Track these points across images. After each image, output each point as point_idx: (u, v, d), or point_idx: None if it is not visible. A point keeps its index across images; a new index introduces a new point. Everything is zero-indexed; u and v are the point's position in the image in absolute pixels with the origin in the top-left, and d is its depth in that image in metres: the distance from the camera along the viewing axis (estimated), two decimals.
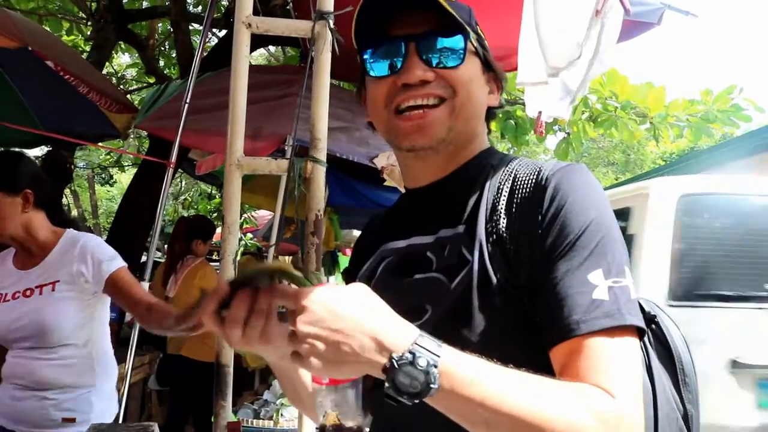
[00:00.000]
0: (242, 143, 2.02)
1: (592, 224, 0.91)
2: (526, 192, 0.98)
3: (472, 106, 1.07)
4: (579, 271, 0.89)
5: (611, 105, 6.74)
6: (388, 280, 1.10)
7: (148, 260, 3.27)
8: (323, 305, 0.78)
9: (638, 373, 0.87)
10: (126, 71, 10.37)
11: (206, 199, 12.44)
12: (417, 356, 0.77)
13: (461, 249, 0.99)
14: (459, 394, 0.78)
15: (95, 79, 4.08)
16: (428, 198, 1.11)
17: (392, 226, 1.16)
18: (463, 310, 0.96)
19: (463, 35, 1.04)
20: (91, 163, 15.19)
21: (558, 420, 0.78)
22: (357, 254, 1.24)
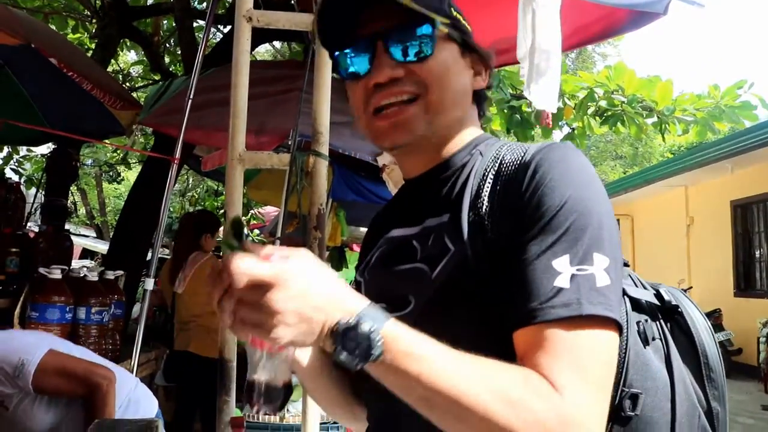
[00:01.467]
0: (244, 138, 2.02)
1: (567, 205, 0.87)
2: (510, 175, 0.95)
3: (449, 97, 1.03)
4: (545, 255, 0.86)
5: (617, 99, 6.69)
6: (378, 270, 1.09)
7: (153, 257, 3.27)
8: (298, 279, 0.77)
9: (599, 369, 0.82)
10: (132, 68, 10.38)
11: (213, 195, 12.45)
12: (362, 321, 0.77)
13: (444, 238, 0.97)
14: (397, 366, 0.78)
15: (99, 76, 4.08)
16: (419, 188, 1.10)
17: (391, 217, 1.16)
18: (444, 299, 0.94)
19: (430, 24, 0.99)
20: (98, 161, 15.23)
21: (493, 409, 0.76)
22: (364, 248, 1.23)
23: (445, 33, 1.02)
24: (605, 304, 0.83)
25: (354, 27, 1.02)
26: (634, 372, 0.93)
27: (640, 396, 0.92)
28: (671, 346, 1.00)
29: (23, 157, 8.65)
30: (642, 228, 15.94)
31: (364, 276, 1.13)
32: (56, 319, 3.09)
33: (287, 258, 0.79)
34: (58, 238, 4.15)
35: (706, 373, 1.02)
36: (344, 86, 1.09)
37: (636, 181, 13.87)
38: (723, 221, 12.09)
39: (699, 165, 11.20)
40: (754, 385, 9.70)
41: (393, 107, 1.00)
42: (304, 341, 0.79)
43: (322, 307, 0.78)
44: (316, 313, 0.78)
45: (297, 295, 0.76)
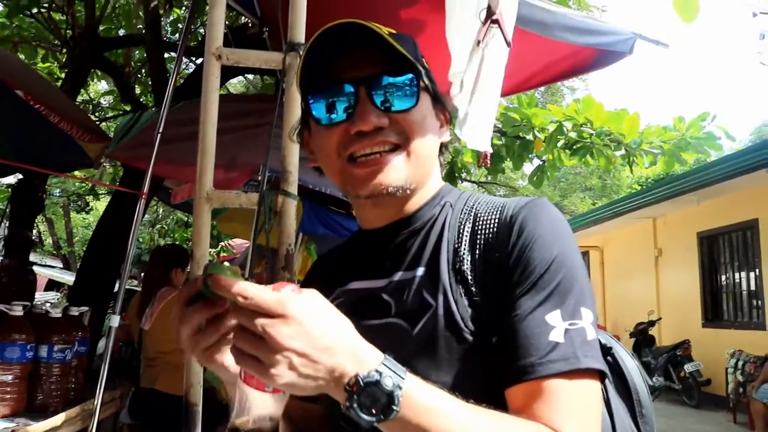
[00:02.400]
0: (212, 176, 2.00)
1: (555, 262, 0.90)
2: (490, 231, 0.96)
3: (427, 148, 1.02)
4: (538, 311, 0.88)
5: (586, 132, 6.80)
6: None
7: (120, 291, 3.21)
8: (309, 319, 0.72)
9: (595, 417, 0.86)
10: (102, 98, 10.30)
11: (183, 227, 12.32)
12: (384, 376, 0.74)
13: (422, 293, 0.96)
14: (417, 422, 0.76)
15: (67, 109, 4.04)
16: (383, 240, 1.07)
17: (346, 267, 1.12)
18: (428, 355, 0.93)
19: (414, 73, 0.99)
20: (66, 191, 15.03)
21: None
22: None
23: (424, 83, 1.02)
24: (596, 357, 0.87)
25: (335, 72, 0.99)
26: None
27: None
28: (609, 388, 1.05)
29: None
30: (611, 259, 16.11)
31: None
32: (16, 357, 3.00)
33: (300, 293, 0.75)
34: (22, 273, 4.06)
35: (639, 410, 1.09)
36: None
37: (605, 214, 14.06)
38: (690, 252, 12.28)
39: (666, 197, 11.39)
40: (723, 415, 9.77)
41: (374, 155, 0.98)
42: (305, 387, 0.74)
43: (334, 352, 0.73)
44: (325, 358, 0.73)
45: (307, 334, 0.72)
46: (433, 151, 1.06)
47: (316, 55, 0.99)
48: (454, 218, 1.01)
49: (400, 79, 0.98)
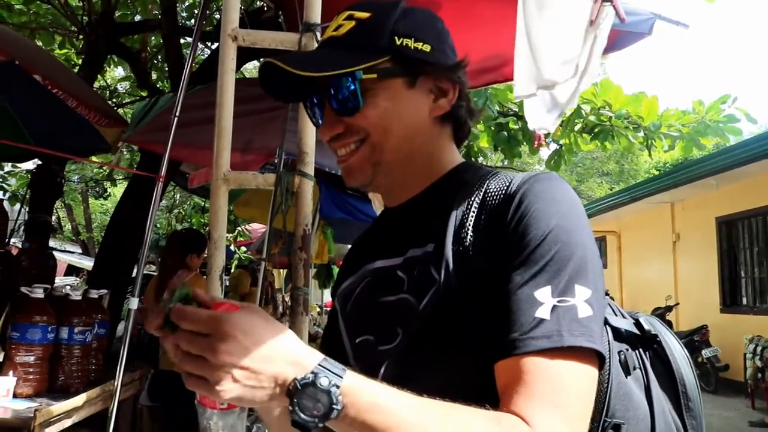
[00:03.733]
0: (228, 157, 2.00)
1: (550, 236, 0.87)
2: (495, 205, 0.94)
3: (395, 135, 1.02)
4: (527, 286, 0.85)
5: (605, 115, 6.73)
6: (363, 301, 1.08)
7: (138, 274, 3.23)
8: (244, 333, 0.75)
9: (575, 400, 0.80)
10: (119, 84, 10.34)
11: (200, 212, 12.38)
12: (319, 376, 0.75)
13: (429, 268, 0.96)
14: (363, 421, 0.76)
15: (85, 94, 4.06)
16: (400, 217, 1.09)
17: (371, 247, 1.14)
18: (432, 330, 0.93)
19: (350, 77, 0.99)
20: (84, 177, 15.14)
21: None
22: (341, 271, 1.22)
23: (373, 77, 1.00)
24: (587, 335, 0.82)
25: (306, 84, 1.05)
26: (616, 402, 0.93)
27: (622, 426, 0.92)
28: (651, 376, 1.00)
29: (7, 173, 8.57)
30: (629, 245, 16.02)
31: (347, 308, 1.12)
32: (38, 339, 3.04)
33: (236, 309, 0.77)
34: (42, 256, 4.10)
35: (685, 402, 1.03)
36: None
37: (623, 198, 13.95)
38: (708, 238, 12.17)
39: (685, 182, 11.27)
40: (741, 401, 9.71)
41: (344, 155, 1.04)
42: (253, 398, 0.76)
43: (272, 360, 0.76)
44: (265, 367, 0.75)
45: (243, 347, 0.74)
46: (411, 132, 1.04)
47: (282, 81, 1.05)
48: (466, 194, 1.00)
49: (343, 85, 1.00)
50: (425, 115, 1.05)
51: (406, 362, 0.96)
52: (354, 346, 1.07)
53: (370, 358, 1.01)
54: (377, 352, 1.00)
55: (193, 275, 4.29)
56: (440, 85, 1.05)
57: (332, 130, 1.03)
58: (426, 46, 1.02)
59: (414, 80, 1.03)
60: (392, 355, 0.98)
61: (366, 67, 0.99)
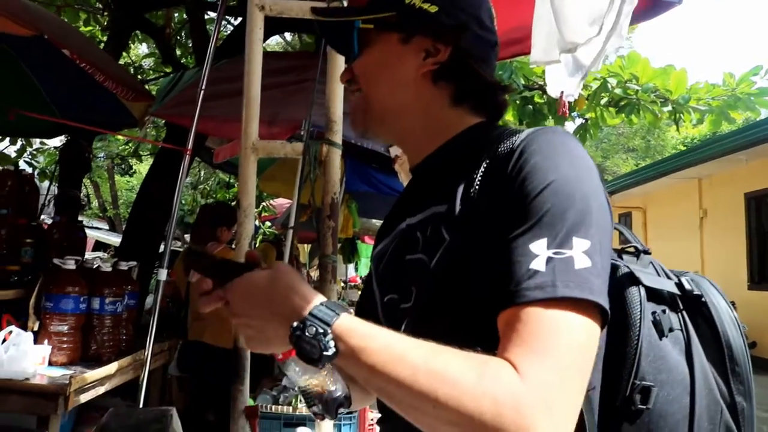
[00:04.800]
0: (257, 127, 2.01)
1: (549, 188, 0.85)
2: (500, 162, 0.93)
3: (380, 86, 1.09)
4: (523, 238, 0.84)
5: (632, 89, 6.62)
6: (392, 261, 1.10)
7: (166, 249, 3.27)
8: (240, 294, 0.91)
9: (565, 351, 0.78)
10: (143, 61, 10.38)
11: (224, 188, 12.46)
12: (307, 325, 0.83)
13: (440, 227, 0.97)
14: (356, 360, 0.81)
15: (111, 68, 4.09)
16: (419, 177, 1.12)
17: (402, 207, 1.15)
18: (442, 289, 0.94)
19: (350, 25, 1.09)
20: (110, 154, 15.28)
21: (447, 395, 0.74)
22: (379, 234, 1.22)
23: (370, 27, 1.07)
24: (583, 287, 0.80)
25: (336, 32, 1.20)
26: (646, 364, 0.90)
27: (652, 389, 0.89)
28: (692, 338, 0.96)
29: (36, 150, 8.68)
30: (654, 221, 15.86)
31: (379, 269, 1.14)
32: (70, 309, 3.11)
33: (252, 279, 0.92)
34: (72, 229, 4.16)
35: (731, 366, 0.98)
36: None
37: (649, 174, 13.79)
38: (737, 214, 12.00)
39: (713, 157, 11.10)
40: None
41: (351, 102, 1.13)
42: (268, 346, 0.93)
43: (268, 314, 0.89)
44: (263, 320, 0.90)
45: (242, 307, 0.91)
46: (401, 88, 1.07)
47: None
48: (477, 153, 0.99)
49: (347, 33, 1.10)
50: (412, 72, 1.07)
51: (420, 320, 0.98)
52: (383, 304, 1.10)
53: (394, 316, 1.03)
54: (400, 310, 1.02)
55: (222, 247, 4.33)
56: (435, 45, 1.06)
57: (344, 75, 1.13)
58: (432, 7, 1.04)
59: (409, 37, 1.06)
60: (410, 313, 1.00)
61: (364, 18, 1.06)
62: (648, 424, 0.89)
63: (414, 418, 0.79)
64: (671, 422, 0.90)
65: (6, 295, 3.28)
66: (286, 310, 0.86)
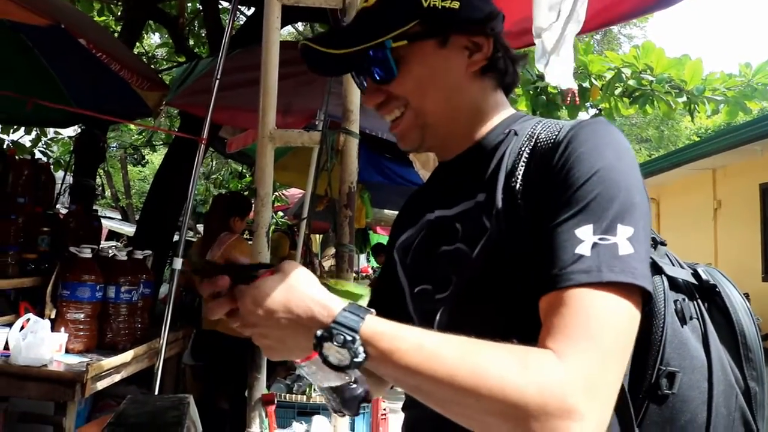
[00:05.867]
0: (274, 115, 2.01)
1: (595, 176, 0.87)
2: (544, 152, 0.95)
3: (433, 97, 1.05)
4: (568, 224, 0.85)
5: (646, 79, 6.57)
6: (422, 252, 1.10)
7: (181, 238, 3.29)
8: (253, 302, 0.85)
9: (613, 336, 0.79)
10: (156, 51, 10.40)
11: (237, 178, 12.48)
12: (334, 333, 0.80)
13: (481, 217, 0.98)
14: (386, 364, 0.80)
15: (126, 57, 4.10)
16: (455, 169, 1.11)
17: (428, 199, 1.16)
18: (484, 279, 0.95)
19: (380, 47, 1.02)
20: (123, 143, 15.34)
21: (491, 388, 0.75)
22: (398, 224, 1.23)
23: (403, 43, 1.02)
24: (627, 272, 0.81)
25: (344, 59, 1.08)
26: (671, 350, 0.94)
27: (677, 375, 0.93)
28: (708, 326, 0.99)
29: (51, 140, 8.72)
30: (668, 212, 15.77)
31: (406, 259, 1.14)
32: (87, 297, 3.14)
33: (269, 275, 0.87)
34: (87, 218, 4.19)
35: (744, 353, 1.01)
36: None
37: (663, 164, 13.69)
38: (751, 205, 11.90)
39: (727, 147, 11.00)
40: None
41: (393, 122, 1.09)
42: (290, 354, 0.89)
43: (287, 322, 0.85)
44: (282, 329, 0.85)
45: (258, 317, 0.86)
46: (454, 90, 1.06)
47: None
48: (517, 144, 1.01)
49: (375, 56, 1.04)
50: (462, 72, 1.06)
51: (459, 309, 0.99)
52: (413, 295, 1.09)
53: (428, 306, 1.04)
54: (434, 300, 1.03)
55: (235, 238, 4.35)
56: (474, 40, 1.05)
57: (374, 99, 1.07)
58: (454, 3, 1.02)
59: (445, 40, 1.04)
60: (447, 303, 1.01)
61: (394, 36, 1.01)
62: (672, 408, 0.92)
63: (453, 412, 0.79)
64: (692, 406, 0.93)
65: (23, 282, 3.31)
66: (307, 319, 0.84)
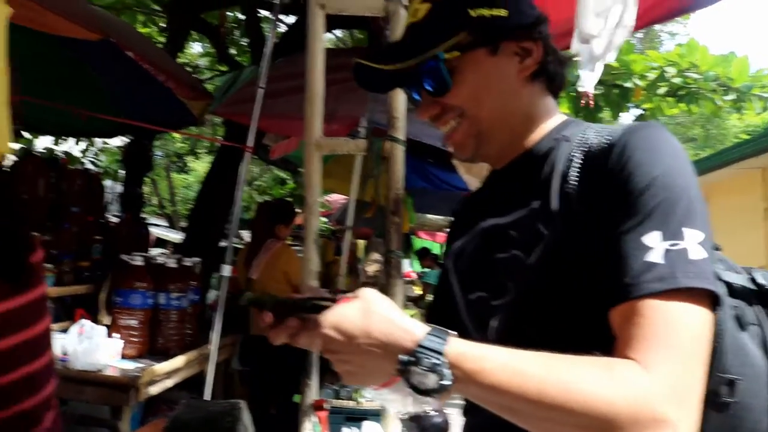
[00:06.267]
0: (320, 124, 2.04)
1: (656, 182, 0.87)
2: (598, 158, 0.95)
3: (490, 105, 1.05)
4: (635, 232, 0.85)
5: (690, 77, 6.45)
6: (477, 259, 1.10)
7: (229, 245, 3.35)
8: (333, 329, 0.85)
9: (694, 343, 0.79)
10: (198, 60, 10.59)
11: (279, 184, 12.61)
12: (420, 357, 0.80)
13: (536, 224, 0.98)
14: (473, 385, 0.80)
15: (172, 68, 4.19)
16: (506, 177, 1.12)
17: (481, 206, 1.17)
18: (541, 285, 0.95)
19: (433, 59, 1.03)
20: (168, 152, 15.63)
21: (581, 402, 0.75)
22: (451, 232, 1.24)
23: (456, 55, 1.02)
24: (701, 277, 0.81)
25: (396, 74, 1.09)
26: (731, 357, 0.91)
27: (737, 382, 0.90)
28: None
29: (100, 150, 8.94)
30: (714, 213, 15.03)
31: (458, 266, 1.14)
32: (138, 304, 3.21)
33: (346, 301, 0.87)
34: (137, 226, 4.29)
35: None
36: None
37: (709, 164, 13.40)
38: None
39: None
40: None
41: (448, 132, 1.08)
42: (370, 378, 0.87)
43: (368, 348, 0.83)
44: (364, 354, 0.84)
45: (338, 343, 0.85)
46: (504, 99, 1.06)
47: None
48: (568, 149, 1.01)
49: (428, 68, 1.04)
50: (514, 78, 1.06)
51: (516, 316, 0.99)
52: (467, 302, 1.10)
53: (483, 313, 1.04)
54: (490, 307, 1.03)
55: (280, 245, 4.39)
56: (523, 46, 1.05)
57: (429, 112, 1.08)
58: (502, 11, 1.03)
59: (496, 47, 1.04)
60: (503, 310, 1.01)
61: (445, 48, 1.02)
62: (733, 416, 0.90)
63: (542, 428, 0.80)
64: (755, 415, 0.91)
65: (78, 290, 3.41)
66: (389, 344, 0.83)
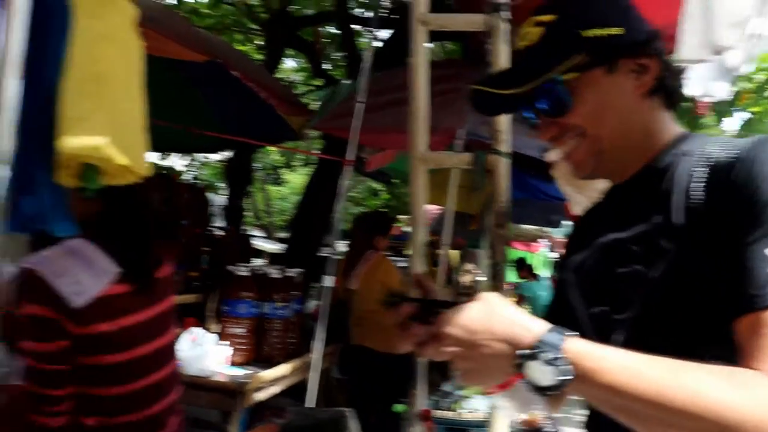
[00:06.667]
0: (426, 138, 2.07)
1: None
2: (722, 173, 0.94)
3: (608, 124, 1.06)
4: (760, 244, 0.85)
5: None
6: (598, 274, 1.11)
7: (331, 256, 3.42)
8: (457, 326, 0.87)
9: None
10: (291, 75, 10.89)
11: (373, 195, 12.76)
12: (539, 351, 0.81)
13: (658, 239, 0.98)
14: (590, 384, 0.80)
15: (273, 85, 4.35)
16: (628, 192, 1.11)
17: (601, 220, 1.17)
18: (665, 299, 0.96)
19: (551, 81, 1.04)
20: (265, 165, 16.10)
21: (705, 408, 0.75)
22: (570, 246, 1.25)
23: (574, 76, 1.03)
24: None
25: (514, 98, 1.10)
26: None
27: None
28: None
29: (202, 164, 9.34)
30: None
31: (580, 280, 1.15)
32: (245, 313, 3.33)
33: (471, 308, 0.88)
34: (240, 237, 4.47)
35: None
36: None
37: None
38: None
39: None
40: None
41: (567, 151, 1.10)
42: (487, 377, 0.89)
43: (486, 344, 0.85)
44: (481, 351, 0.85)
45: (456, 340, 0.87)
46: (624, 116, 1.07)
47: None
48: (690, 164, 1.00)
49: (548, 91, 1.05)
50: (632, 95, 1.07)
51: (640, 330, 0.99)
52: (589, 316, 1.11)
53: (606, 327, 1.04)
54: (612, 321, 1.04)
55: (379, 256, 4.44)
56: (640, 62, 1.06)
57: (549, 133, 1.09)
58: (617, 30, 1.04)
59: (613, 66, 1.05)
60: (627, 324, 1.01)
61: (564, 69, 1.03)
62: None
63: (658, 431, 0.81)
64: None
65: (188, 299, 3.57)
66: (510, 340, 0.85)
